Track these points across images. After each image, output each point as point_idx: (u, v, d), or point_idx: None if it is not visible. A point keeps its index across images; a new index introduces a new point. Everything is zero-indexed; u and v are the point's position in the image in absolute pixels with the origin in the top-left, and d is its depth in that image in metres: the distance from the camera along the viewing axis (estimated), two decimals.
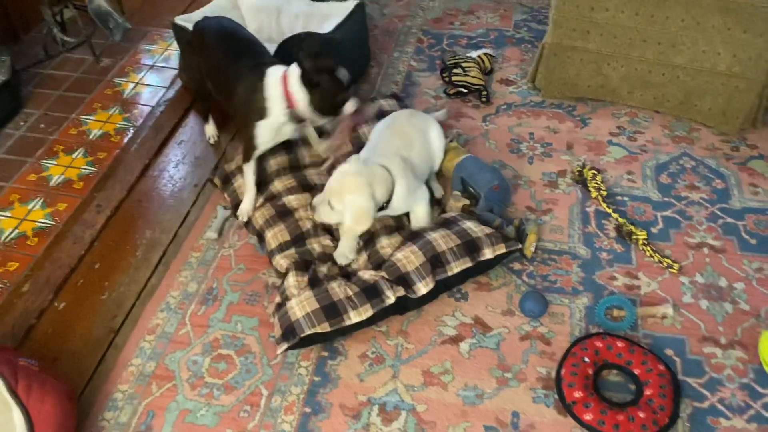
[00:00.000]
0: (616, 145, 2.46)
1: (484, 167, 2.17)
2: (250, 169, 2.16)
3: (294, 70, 2.00)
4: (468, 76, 2.68)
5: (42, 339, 1.93)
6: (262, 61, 2.10)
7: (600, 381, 1.75)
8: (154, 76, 2.90)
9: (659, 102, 2.54)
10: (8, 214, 2.28)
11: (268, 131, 2.08)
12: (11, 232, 2.22)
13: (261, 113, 2.04)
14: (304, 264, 1.96)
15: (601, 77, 2.56)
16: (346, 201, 1.89)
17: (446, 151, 2.26)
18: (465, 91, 2.68)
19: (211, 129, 2.56)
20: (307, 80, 1.96)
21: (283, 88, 2.00)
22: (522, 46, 2.98)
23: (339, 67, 2.00)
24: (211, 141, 2.57)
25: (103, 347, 1.90)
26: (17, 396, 1.54)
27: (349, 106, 2.03)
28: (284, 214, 2.11)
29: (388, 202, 1.97)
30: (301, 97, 1.99)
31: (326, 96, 1.98)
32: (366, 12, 2.79)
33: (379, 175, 1.93)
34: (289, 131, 2.13)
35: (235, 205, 2.22)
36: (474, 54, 2.81)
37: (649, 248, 2.05)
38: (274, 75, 2.03)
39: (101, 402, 1.77)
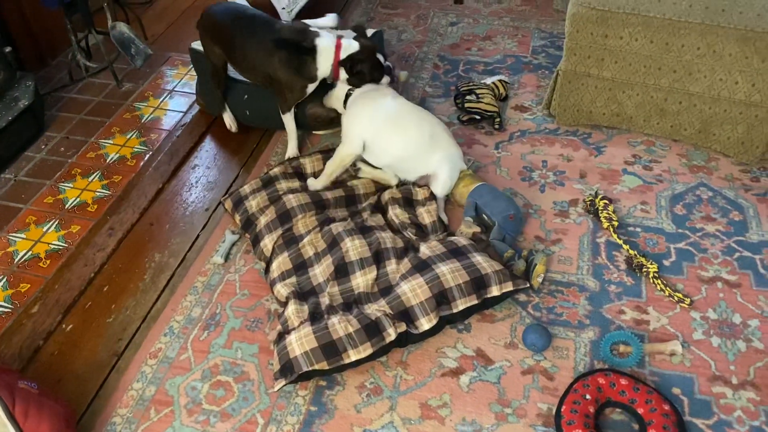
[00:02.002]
0: (630, 174, 2.41)
1: (500, 195, 2.15)
2: (290, 118, 2.49)
3: (350, 44, 2.35)
4: (481, 102, 2.66)
5: (48, 360, 1.96)
6: (304, 30, 2.38)
7: (602, 419, 1.70)
8: (173, 101, 2.95)
9: (676, 130, 2.49)
10: (23, 235, 2.33)
11: (311, 89, 2.44)
12: (25, 254, 2.27)
13: (311, 77, 2.39)
14: (304, 294, 1.96)
15: (617, 105, 2.52)
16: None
17: (460, 178, 2.26)
18: (478, 117, 2.66)
19: (228, 118, 2.71)
20: (351, 65, 2.33)
21: (335, 60, 2.35)
22: (539, 72, 2.96)
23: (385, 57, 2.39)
24: (232, 129, 2.73)
25: (106, 370, 1.92)
26: (14, 419, 1.56)
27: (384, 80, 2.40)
28: (291, 241, 2.12)
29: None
30: (343, 74, 2.36)
31: (363, 80, 2.37)
32: (384, 38, 2.82)
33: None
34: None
35: (245, 224, 2.24)
36: (489, 80, 2.79)
37: (660, 282, 2.00)
38: (326, 44, 2.33)
39: (100, 426, 1.78)
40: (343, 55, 2.34)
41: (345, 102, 2.39)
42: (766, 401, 1.72)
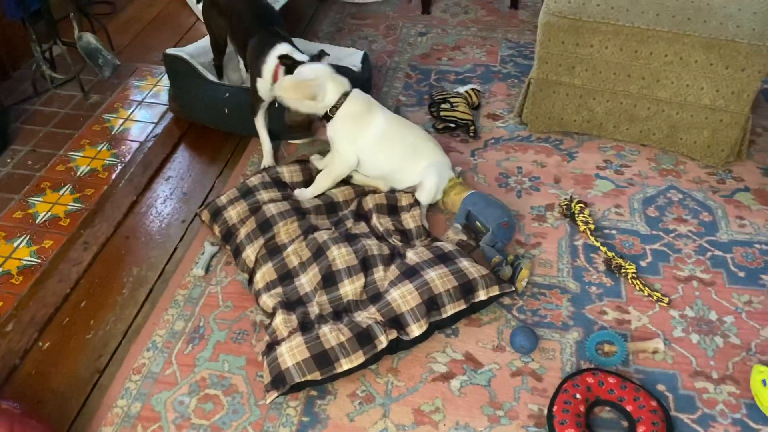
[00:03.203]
0: (603, 179, 2.48)
1: (493, 203, 2.19)
2: (259, 123, 2.51)
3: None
4: (456, 111, 2.70)
5: (25, 380, 1.89)
6: (276, 33, 2.41)
7: (592, 418, 1.73)
8: (143, 112, 2.90)
9: (645, 135, 2.57)
10: None
11: (262, 88, 2.42)
12: None
13: (259, 73, 2.39)
14: (291, 304, 1.94)
15: (587, 111, 2.59)
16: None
17: (451, 186, 2.28)
18: (453, 125, 2.70)
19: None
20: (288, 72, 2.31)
21: (276, 66, 2.33)
22: (509, 81, 3.02)
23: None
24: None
25: (87, 388, 1.87)
26: None
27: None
28: (274, 251, 2.10)
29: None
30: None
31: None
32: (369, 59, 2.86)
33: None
34: None
35: (225, 235, 2.21)
36: (461, 89, 2.83)
37: (638, 282, 2.05)
38: (275, 54, 2.34)
39: None
40: (279, 77, 2.32)
41: (329, 113, 2.31)
42: (745, 394, 1.78)
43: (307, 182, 2.37)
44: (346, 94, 2.26)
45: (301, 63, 2.29)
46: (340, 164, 2.29)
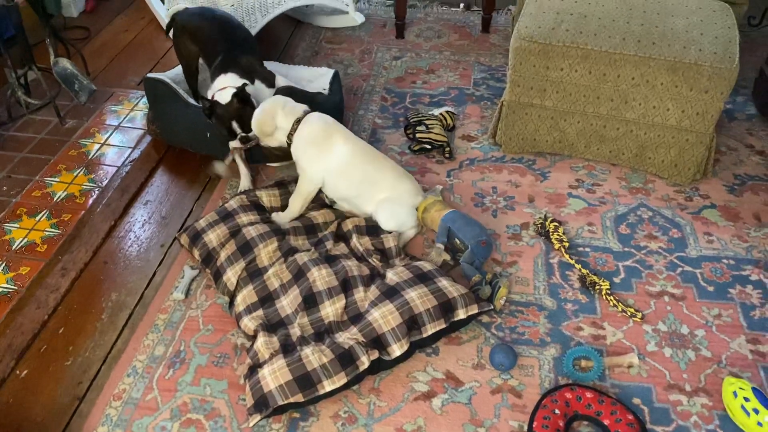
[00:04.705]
0: (575, 198, 2.54)
1: (472, 221, 2.23)
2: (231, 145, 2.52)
3: (225, 93, 2.42)
4: (431, 132, 2.75)
5: (3, 409, 1.87)
6: (229, 62, 2.52)
7: None
8: (119, 137, 2.90)
9: (615, 155, 2.65)
10: None
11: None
12: None
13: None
14: (272, 326, 1.96)
15: (559, 132, 2.66)
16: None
17: (431, 204, 2.32)
18: (429, 147, 2.75)
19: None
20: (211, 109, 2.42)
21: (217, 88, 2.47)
22: (482, 103, 3.08)
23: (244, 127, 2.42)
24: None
25: (67, 415, 1.85)
26: None
27: (233, 143, 2.47)
28: (255, 274, 2.11)
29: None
30: None
31: (218, 124, 2.44)
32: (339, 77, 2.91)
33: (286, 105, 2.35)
34: None
35: (205, 258, 2.21)
36: (436, 112, 2.89)
37: (612, 298, 2.11)
38: (218, 83, 2.48)
39: None
40: (215, 96, 2.44)
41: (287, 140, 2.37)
42: (717, 406, 1.83)
43: (285, 207, 2.39)
44: (299, 120, 2.33)
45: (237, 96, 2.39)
46: (307, 183, 2.33)
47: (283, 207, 2.40)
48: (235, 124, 2.39)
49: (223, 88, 2.44)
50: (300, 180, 2.34)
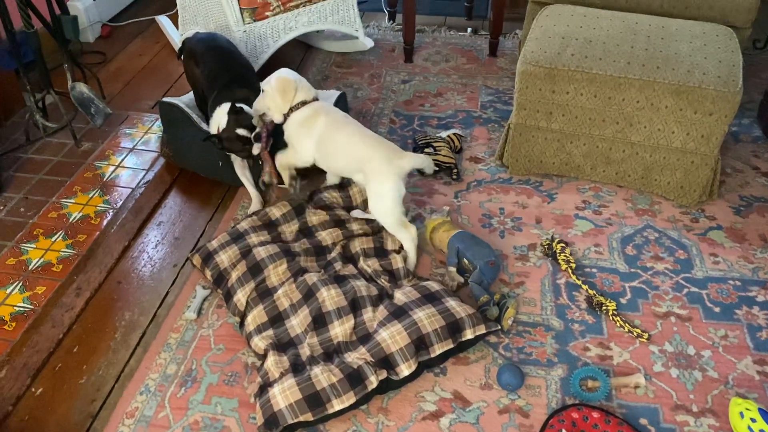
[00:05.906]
0: (582, 219, 2.57)
1: (481, 242, 2.27)
2: (239, 172, 2.66)
3: (221, 117, 2.51)
4: (439, 154, 2.79)
5: (18, 426, 1.91)
6: (228, 90, 2.61)
7: None
8: (134, 159, 2.96)
9: (621, 177, 2.68)
10: None
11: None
12: None
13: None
14: (282, 346, 1.99)
15: (565, 154, 2.69)
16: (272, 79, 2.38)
17: (440, 224, 2.36)
18: (437, 168, 2.79)
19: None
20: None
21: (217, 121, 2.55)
22: (489, 125, 3.13)
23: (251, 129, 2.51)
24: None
25: None
26: None
27: (255, 149, 2.53)
28: (265, 294, 2.15)
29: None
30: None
31: (231, 147, 2.54)
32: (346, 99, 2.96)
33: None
34: None
35: (216, 279, 2.25)
36: (444, 134, 2.94)
37: (619, 319, 2.13)
38: (219, 111, 2.55)
39: None
40: (220, 121, 2.53)
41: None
42: (725, 427, 1.84)
43: (300, 230, 2.44)
44: (304, 102, 2.42)
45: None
46: (292, 153, 2.45)
47: (302, 231, 2.44)
48: (241, 132, 2.46)
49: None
50: (288, 149, 2.45)
